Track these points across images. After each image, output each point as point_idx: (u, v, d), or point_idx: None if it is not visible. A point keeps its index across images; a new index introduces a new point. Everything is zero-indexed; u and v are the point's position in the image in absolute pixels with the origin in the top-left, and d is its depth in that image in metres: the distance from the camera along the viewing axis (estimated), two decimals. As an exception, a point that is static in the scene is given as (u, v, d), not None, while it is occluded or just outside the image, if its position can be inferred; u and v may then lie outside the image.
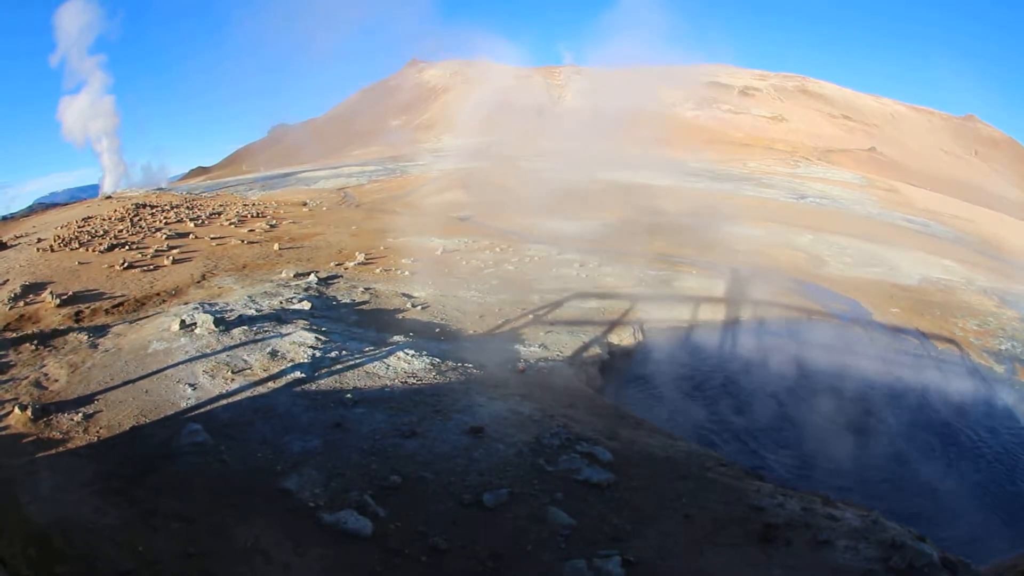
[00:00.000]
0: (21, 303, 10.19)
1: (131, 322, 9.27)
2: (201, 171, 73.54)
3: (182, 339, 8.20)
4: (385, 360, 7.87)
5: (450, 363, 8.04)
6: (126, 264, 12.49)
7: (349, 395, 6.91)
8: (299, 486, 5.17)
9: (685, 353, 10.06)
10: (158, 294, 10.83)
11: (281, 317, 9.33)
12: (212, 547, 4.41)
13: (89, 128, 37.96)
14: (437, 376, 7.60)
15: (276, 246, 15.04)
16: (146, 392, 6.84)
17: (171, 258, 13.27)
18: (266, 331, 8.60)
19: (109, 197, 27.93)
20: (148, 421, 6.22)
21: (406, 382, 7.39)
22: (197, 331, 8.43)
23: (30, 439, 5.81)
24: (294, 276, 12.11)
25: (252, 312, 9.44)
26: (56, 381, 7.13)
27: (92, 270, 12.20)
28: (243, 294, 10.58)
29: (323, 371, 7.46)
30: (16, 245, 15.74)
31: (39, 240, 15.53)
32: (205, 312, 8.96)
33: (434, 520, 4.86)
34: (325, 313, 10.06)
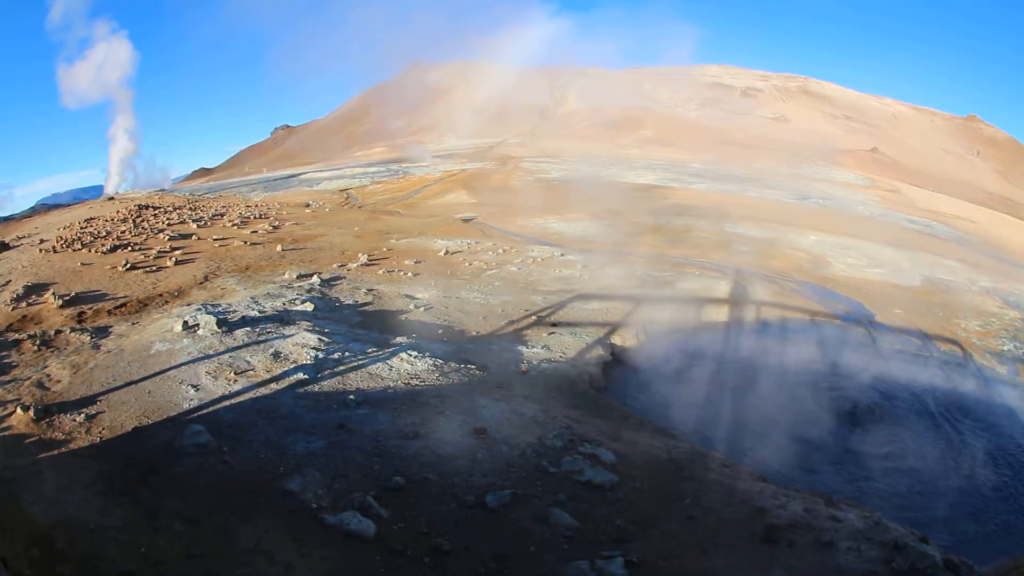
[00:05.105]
0: (23, 304, 10.21)
1: (134, 323, 9.28)
2: (204, 172, 73.86)
3: (185, 340, 8.21)
4: (388, 361, 7.87)
5: (453, 364, 8.04)
6: (129, 265, 12.51)
7: (352, 396, 6.91)
8: (302, 487, 5.17)
9: (688, 354, 10.03)
10: (161, 295, 10.85)
11: (284, 318, 9.34)
12: (215, 548, 4.41)
13: (100, 82, 37.60)
14: (440, 377, 7.60)
15: (279, 247, 15.06)
16: (148, 393, 6.85)
17: (174, 259, 13.29)
18: (269, 332, 8.60)
19: (112, 198, 28.03)
20: (150, 422, 6.23)
21: (409, 383, 7.39)
22: (200, 332, 8.44)
23: (32, 440, 5.82)
24: (297, 277, 12.13)
25: (255, 313, 9.45)
26: (58, 382, 7.14)
27: (95, 271, 12.23)
28: (246, 295, 10.59)
29: (326, 372, 7.46)
30: (19, 246, 15.79)
31: (42, 241, 15.57)
32: (208, 313, 8.97)
33: (437, 521, 4.86)
34: (328, 314, 10.07)
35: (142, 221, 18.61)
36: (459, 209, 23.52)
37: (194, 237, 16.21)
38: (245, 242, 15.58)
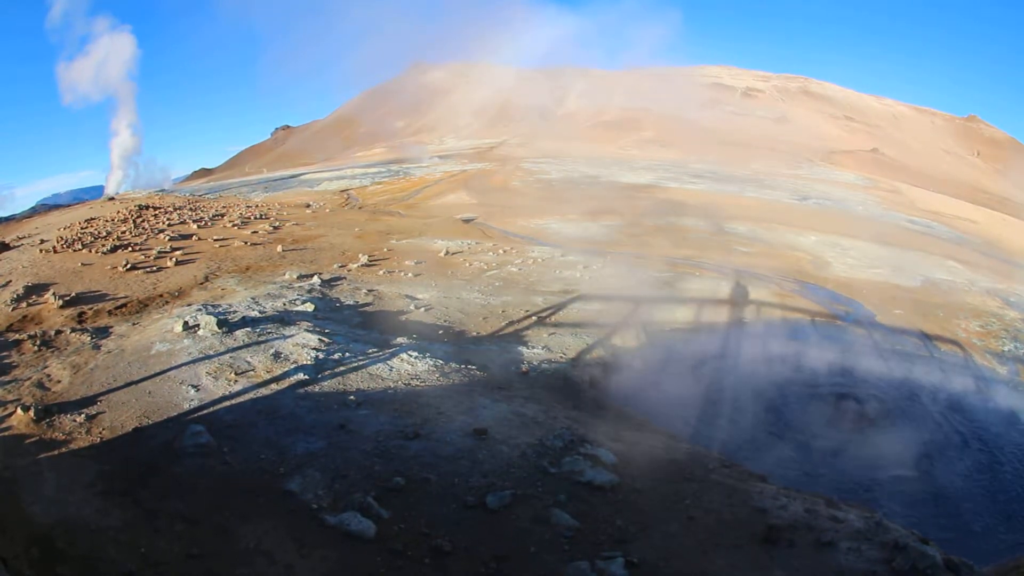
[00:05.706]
0: (24, 304, 10.21)
1: (134, 323, 9.29)
2: (204, 173, 73.90)
3: (185, 340, 8.20)
4: (388, 362, 7.87)
5: (453, 365, 8.04)
6: (129, 265, 12.51)
7: (352, 397, 6.91)
8: (302, 487, 5.17)
9: (688, 355, 10.03)
10: (161, 295, 10.85)
11: (284, 319, 9.34)
12: (215, 548, 4.41)
13: (102, 78, 37.53)
14: (440, 378, 7.60)
15: (279, 248, 15.06)
16: (149, 393, 6.85)
17: (174, 260, 13.29)
18: (269, 333, 8.60)
19: (112, 198, 28.05)
20: (151, 422, 6.23)
21: (409, 384, 7.38)
22: (200, 332, 8.43)
23: (33, 440, 5.82)
24: (297, 278, 12.12)
25: (255, 314, 9.45)
26: (59, 382, 7.14)
27: (95, 271, 12.23)
28: (246, 296, 10.59)
29: (326, 373, 7.46)
30: (19, 246, 15.79)
31: (42, 241, 15.57)
32: (208, 314, 8.97)
33: (437, 522, 4.85)
34: (328, 315, 10.07)
35: (142, 221, 18.62)
36: (459, 210, 23.53)
37: (194, 237, 16.21)
38: (245, 243, 15.58)
